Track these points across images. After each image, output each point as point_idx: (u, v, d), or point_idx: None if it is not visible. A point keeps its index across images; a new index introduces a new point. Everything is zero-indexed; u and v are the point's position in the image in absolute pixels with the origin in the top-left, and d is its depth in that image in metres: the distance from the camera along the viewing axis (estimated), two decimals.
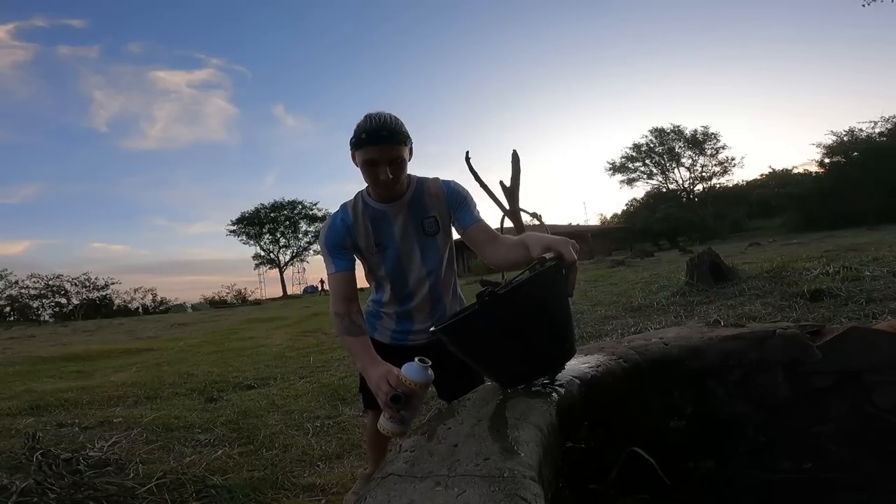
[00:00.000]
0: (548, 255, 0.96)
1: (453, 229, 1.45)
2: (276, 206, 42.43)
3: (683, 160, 39.71)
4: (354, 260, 1.42)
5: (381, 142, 1.25)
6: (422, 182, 1.43)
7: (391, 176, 1.28)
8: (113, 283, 33.61)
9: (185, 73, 62.02)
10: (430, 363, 1.09)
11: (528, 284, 0.92)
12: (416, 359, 1.09)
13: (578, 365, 1.14)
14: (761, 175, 39.43)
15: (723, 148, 38.78)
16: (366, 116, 1.29)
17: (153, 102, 62.07)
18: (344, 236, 1.39)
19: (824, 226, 24.06)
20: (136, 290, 34.37)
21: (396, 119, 1.29)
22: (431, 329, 1.03)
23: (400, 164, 1.29)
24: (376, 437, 1.64)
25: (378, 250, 1.41)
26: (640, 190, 47.95)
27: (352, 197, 1.46)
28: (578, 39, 73.92)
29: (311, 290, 37.48)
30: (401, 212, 1.39)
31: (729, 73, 67.29)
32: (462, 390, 1.15)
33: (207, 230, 73.46)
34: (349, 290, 1.36)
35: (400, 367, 1.12)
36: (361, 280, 1.51)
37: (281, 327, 10.41)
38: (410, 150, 1.35)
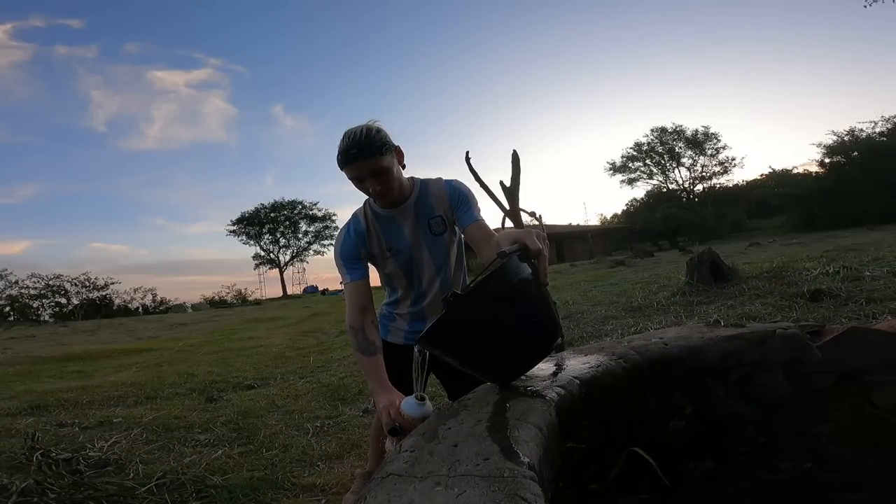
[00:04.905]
0: (508, 249, 0.95)
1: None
2: (276, 206, 42.41)
3: (684, 160, 39.72)
4: (368, 268, 1.45)
5: (352, 160, 1.27)
6: (425, 184, 1.45)
7: (379, 187, 1.30)
8: (113, 283, 33.55)
9: (183, 72, 61.85)
10: (427, 398, 1.12)
11: (487, 280, 0.93)
12: (414, 395, 1.11)
13: (578, 365, 1.14)
14: (761, 175, 39.35)
15: (723, 148, 38.81)
16: (343, 135, 1.29)
17: (152, 102, 61.95)
18: (358, 247, 1.41)
19: (824, 226, 24.04)
20: (135, 290, 34.27)
21: (368, 131, 1.27)
22: (416, 348, 1.04)
23: (382, 173, 1.29)
24: (380, 436, 1.65)
25: (391, 254, 1.44)
26: (640, 190, 47.95)
27: (360, 204, 1.48)
28: (579, 39, 73.94)
29: (311, 290, 37.47)
30: (408, 215, 1.42)
31: (730, 73, 67.24)
32: (466, 390, 1.16)
33: (207, 230, 73.37)
34: (364, 300, 1.38)
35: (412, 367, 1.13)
36: (374, 280, 1.53)
37: (281, 327, 10.43)
38: (398, 154, 1.35)
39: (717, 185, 39.63)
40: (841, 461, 1.13)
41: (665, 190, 40.33)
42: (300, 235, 43.48)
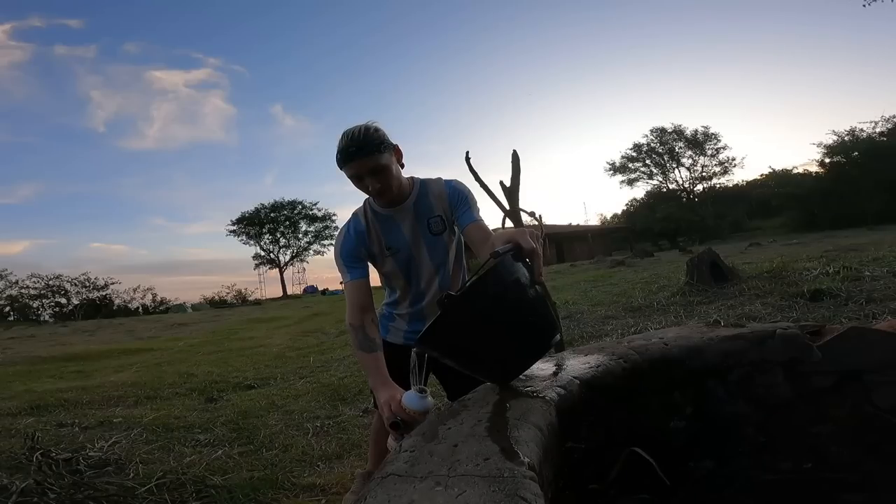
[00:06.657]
0: (501, 249, 0.95)
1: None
2: (276, 206, 42.40)
3: (684, 160, 39.67)
4: (368, 267, 1.45)
5: (351, 158, 1.27)
6: (425, 183, 1.45)
7: (378, 185, 1.30)
8: (112, 283, 33.59)
9: (182, 72, 61.80)
10: (429, 392, 1.11)
11: (481, 280, 0.93)
12: (416, 388, 1.10)
13: (578, 365, 1.14)
14: (761, 175, 39.32)
15: (723, 148, 38.74)
16: (341, 135, 1.30)
17: (151, 102, 61.91)
18: (358, 246, 1.42)
19: (824, 226, 24.07)
20: (135, 290, 34.32)
21: (367, 130, 1.29)
22: (414, 350, 1.04)
23: (381, 171, 1.30)
24: (380, 436, 1.65)
25: (390, 254, 1.44)
26: (640, 190, 47.79)
27: (360, 204, 1.48)
28: (579, 39, 73.92)
29: (310, 291, 37.47)
30: (407, 215, 1.42)
31: (730, 73, 67.16)
32: (465, 390, 1.16)
33: (207, 230, 73.42)
34: (364, 299, 1.37)
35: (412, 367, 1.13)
36: (375, 280, 1.53)
37: (281, 327, 10.43)
38: (397, 153, 1.36)
39: (717, 186, 39.59)
40: (841, 461, 1.13)
41: (665, 190, 40.27)
42: (300, 235, 43.51)
